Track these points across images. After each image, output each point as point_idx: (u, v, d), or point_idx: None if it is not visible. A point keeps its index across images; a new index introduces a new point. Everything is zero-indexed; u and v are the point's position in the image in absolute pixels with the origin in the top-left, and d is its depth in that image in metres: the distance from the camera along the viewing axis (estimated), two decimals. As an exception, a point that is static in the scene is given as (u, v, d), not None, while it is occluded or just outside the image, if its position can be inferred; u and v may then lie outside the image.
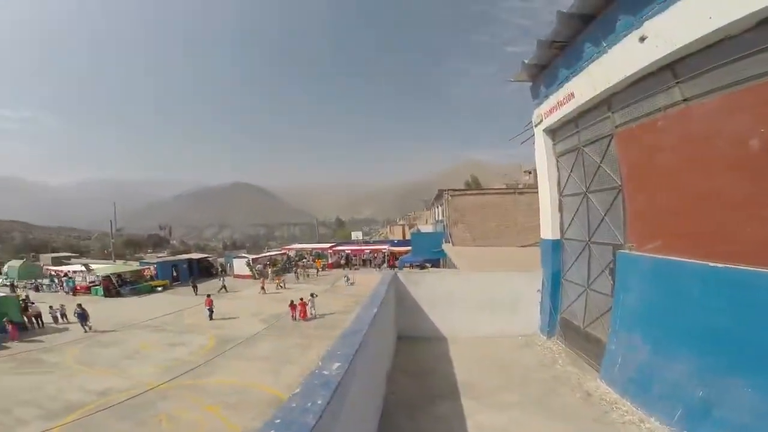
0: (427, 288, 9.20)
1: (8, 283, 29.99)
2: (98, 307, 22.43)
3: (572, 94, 6.87)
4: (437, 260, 25.90)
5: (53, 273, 32.23)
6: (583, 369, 6.65)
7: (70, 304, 23.47)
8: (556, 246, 8.38)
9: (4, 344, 15.30)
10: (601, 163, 6.61)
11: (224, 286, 26.30)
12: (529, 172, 52.69)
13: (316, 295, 19.62)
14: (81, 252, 59.10)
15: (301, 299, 18.54)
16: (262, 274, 30.88)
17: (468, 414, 5.37)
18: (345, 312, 20.09)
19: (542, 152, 8.63)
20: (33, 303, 19.66)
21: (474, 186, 56.06)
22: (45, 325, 18.54)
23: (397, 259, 34.81)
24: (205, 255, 41.23)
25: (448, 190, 25.80)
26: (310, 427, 1.88)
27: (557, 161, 8.39)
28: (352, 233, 49.73)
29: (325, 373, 2.64)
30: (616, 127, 6.13)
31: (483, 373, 6.91)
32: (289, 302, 18.49)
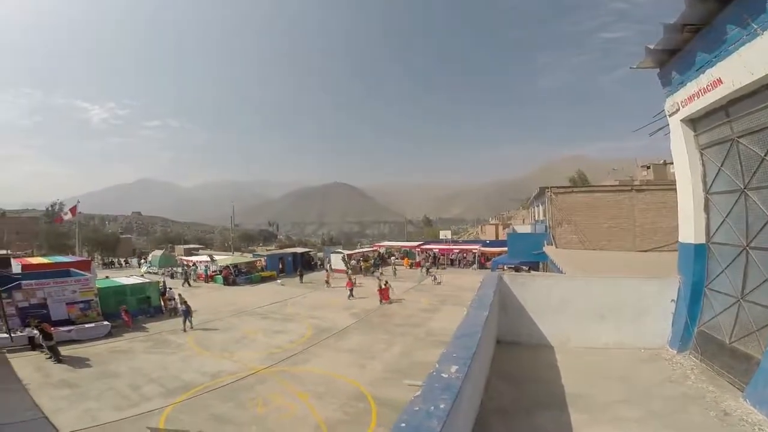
0: (535, 291, 8.37)
1: (153, 270, 35.97)
2: (219, 294, 25.62)
3: (719, 80, 5.84)
4: (536, 263, 23.78)
5: (185, 262, 37.59)
6: (722, 387, 5.52)
7: (192, 289, 27.27)
8: (700, 251, 6.98)
9: (127, 331, 16.54)
10: (766, 155, 5.32)
11: (327, 281, 28.03)
12: (647, 167, 45.87)
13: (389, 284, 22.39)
14: (206, 244, 68.84)
15: (386, 283, 21.65)
16: (354, 269, 32.21)
17: (576, 427, 4.63)
18: (430, 310, 19.82)
19: (680, 144, 7.30)
20: (170, 288, 22.55)
21: (580, 182, 50.49)
22: (178, 309, 20.74)
23: (489, 260, 33.16)
24: (307, 249, 44.46)
25: (551, 187, 23.35)
26: None
27: (701, 154, 7.03)
28: (441, 232, 48.75)
29: (444, 376, 2.60)
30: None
31: (596, 385, 5.97)
32: (378, 287, 21.35)
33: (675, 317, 7.38)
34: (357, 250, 41.78)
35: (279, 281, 29.32)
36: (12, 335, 13.53)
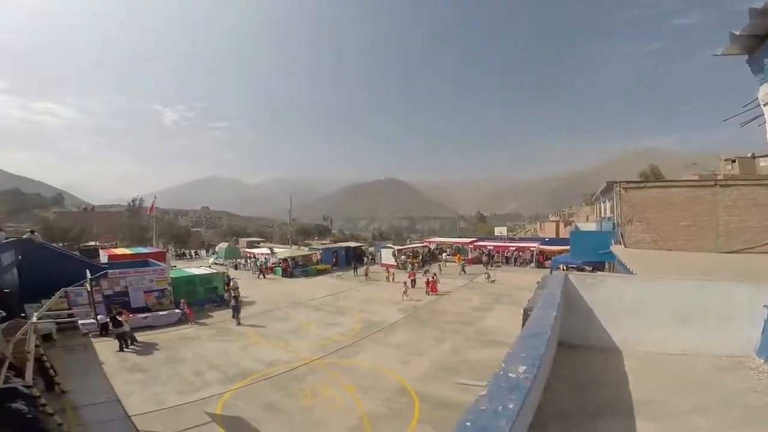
0: (605, 293, 7.76)
1: (219, 261, 38.62)
2: (278, 285, 26.92)
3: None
4: (601, 263, 22.02)
5: (248, 254, 40.01)
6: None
7: (254, 280, 28.83)
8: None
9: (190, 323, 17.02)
10: None
11: (366, 274, 28.84)
12: (732, 161, 40.51)
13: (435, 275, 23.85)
14: (267, 237, 72.70)
15: (434, 275, 23.10)
16: (405, 265, 32.29)
17: (643, 435, 4.14)
18: (483, 309, 19.24)
19: (779, 135, 6.31)
20: (234, 279, 23.83)
21: (653, 177, 45.96)
22: (240, 298, 21.93)
23: (548, 258, 31.39)
24: (359, 244, 45.31)
25: (621, 181, 21.46)
26: None
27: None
28: (496, 228, 47.01)
29: (512, 376, 2.58)
30: None
31: (667, 391, 5.35)
32: (426, 279, 22.66)
33: (767, 324, 6.57)
34: (407, 246, 41.71)
35: (337, 274, 30.46)
36: (99, 321, 15.04)
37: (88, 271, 14.86)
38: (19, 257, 13.36)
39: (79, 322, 14.86)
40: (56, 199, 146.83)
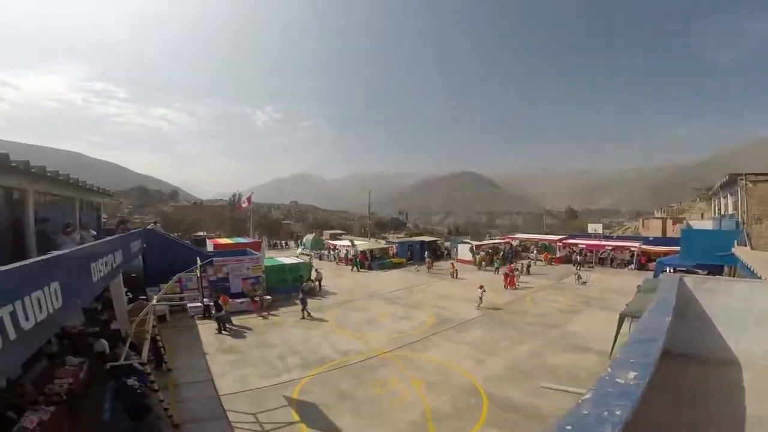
0: (728, 299, 6.74)
1: (305, 252, 41.31)
2: (356, 277, 28.01)
3: None
4: (718, 267, 18.86)
5: (330, 246, 42.24)
6: None
7: (336, 270, 30.32)
8: None
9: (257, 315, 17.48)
10: None
11: (429, 268, 29.16)
12: None
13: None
14: (347, 230, 75.94)
15: (514, 271, 23.38)
16: (483, 261, 31.34)
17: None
18: (569, 312, 17.87)
19: None
20: (318, 270, 24.06)
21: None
22: (322, 288, 22.55)
23: (651, 260, 27.86)
24: (434, 238, 45.01)
25: (747, 174, 18.12)
26: None
27: None
28: (589, 225, 42.94)
29: (620, 381, 2.44)
30: None
31: None
32: (504, 275, 23.19)
33: None
34: (486, 242, 40.29)
35: (416, 268, 30.82)
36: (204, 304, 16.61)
37: (198, 258, 16.99)
38: (144, 245, 15.67)
39: (188, 305, 16.92)
40: (172, 194, 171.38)
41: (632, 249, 31.05)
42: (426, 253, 33.67)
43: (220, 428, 8.43)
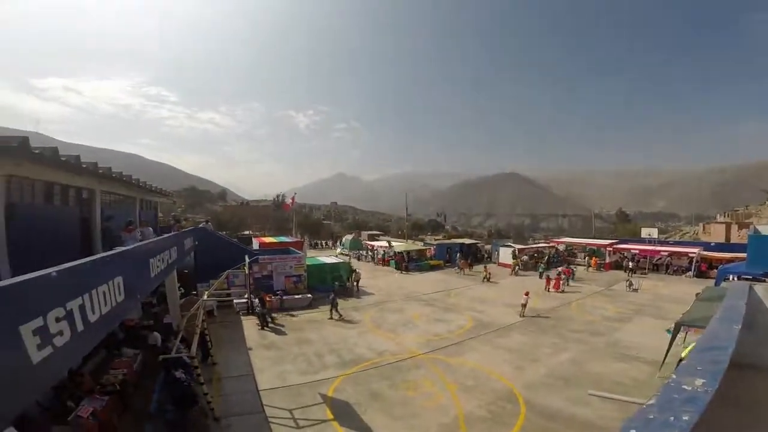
0: None
1: (345, 252, 41.96)
2: (392, 278, 28.05)
3: None
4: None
5: (368, 246, 42.67)
6: None
7: (373, 271, 30.52)
8: None
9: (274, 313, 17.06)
10: None
11: (463, 269, 28.95)
12: None
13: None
14: (384, 231, 76.36)
15: (558, 274, 23.61)
16: (525, 266, 30.37)
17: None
18: (618, 319, 16.91)
19: None
20: (357, 270, 24.11)
21: None
22: (360, 289, 22.70)
23: (712, 267, 25.61)
24: (474, 241, 44.10)
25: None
26: None
27: None
28: (643, 229, 40.16)
29: (687, 388, 2.27)
30: None
31: None
32: (547, 278, 23.29)
33: None
34: (530, 246, 38.84)
35: (456, 269, 30.41)
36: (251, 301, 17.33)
37: (246, 256, 17.73)
38: (196, 243, 16.64)
39: (234, 301, 17.69)
40: (220, 194, 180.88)
41: (691, 255, 28.76)
42: (458, 255, 33.11)
43: (258, 423, 8.61)
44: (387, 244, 35.93)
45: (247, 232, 49.05)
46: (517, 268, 29.52)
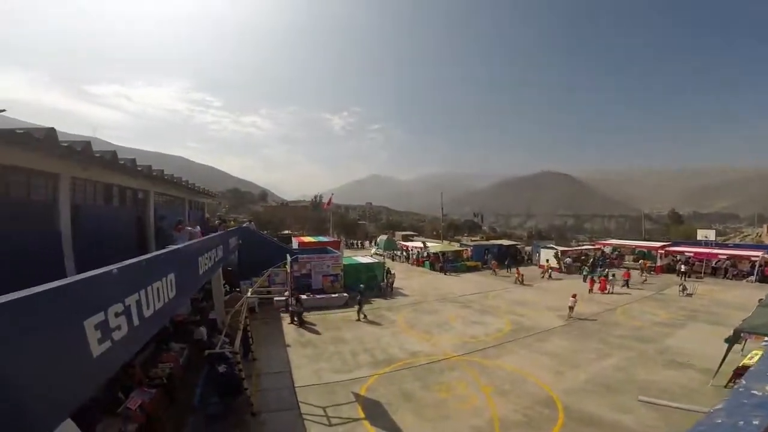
0: None
1: (379, 252, 42.23)
2: (427, 278, 27.93)
3: None
4: None
5: (403, 247, 42.63)
6: None
7: (407, 271, 30.45)
8: None
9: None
10: None
11: (495, 270, 29.02)
12: None
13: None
14: (419, 231, 76.05)
15: (604, 277, 23.46)
16: (569, 269, 29.27)
17: None
18: (670, 325, 15.97)
19: None
20: (391, 271, 24.06)
21: None
22: (394, 289, 22.66)
23: (781, 273, 23.47)
24: (514, 242, 42.94)
25: None
26: None
27: None
28: (699, 231, 37.37)
29: (757, 393, 2.26)
30: None
31: None
32: (590, 279, 23.34)
33: None
34: (573, 248, 37.23)
35: (495, 271, 29.92)
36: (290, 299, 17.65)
37: (288, 255, 18.35)
38: (240, 242, 17.30)
39: (275, 298, 18.25)
40: (261, 195, 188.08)
41: (753, 258, 26.49)
42: (488, 255, 32.32)
43: (292, 419, 8.76)
44: (422, 245, 35.70)
45: (286, 232, 50.57)
46: (550, 271, 28.37)
